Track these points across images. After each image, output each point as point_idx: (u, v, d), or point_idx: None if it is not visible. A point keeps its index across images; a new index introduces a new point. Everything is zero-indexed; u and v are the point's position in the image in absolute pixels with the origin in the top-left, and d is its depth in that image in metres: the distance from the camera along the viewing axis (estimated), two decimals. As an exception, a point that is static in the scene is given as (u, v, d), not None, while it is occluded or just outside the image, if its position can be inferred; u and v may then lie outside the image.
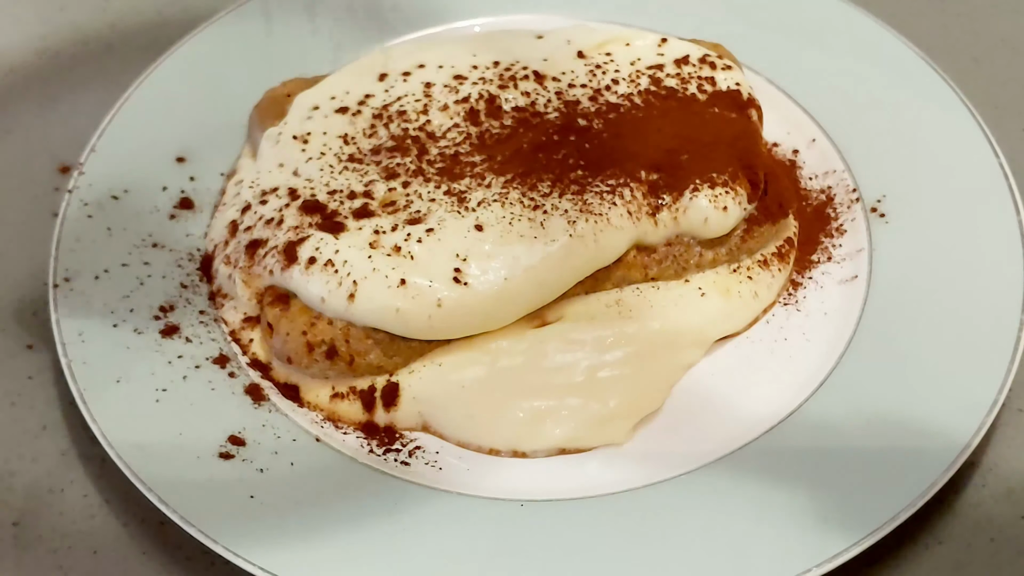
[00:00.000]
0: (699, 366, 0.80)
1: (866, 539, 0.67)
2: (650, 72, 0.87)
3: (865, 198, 0.86)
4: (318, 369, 0.77)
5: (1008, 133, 0.92)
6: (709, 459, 0.73)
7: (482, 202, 0.79)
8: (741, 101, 0.86)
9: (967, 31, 1.05)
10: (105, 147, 0.88)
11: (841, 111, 0.91)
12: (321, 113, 0.86)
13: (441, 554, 0.68)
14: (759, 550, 0.67)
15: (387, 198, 0.80)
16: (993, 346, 0.75)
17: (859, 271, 0.83)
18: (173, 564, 0.72)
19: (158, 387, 0.75)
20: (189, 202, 0.87)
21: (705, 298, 0.81)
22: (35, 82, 1.02)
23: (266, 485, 0.71)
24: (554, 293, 0.78)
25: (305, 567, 0.67)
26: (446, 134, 0.84)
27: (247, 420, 0.75)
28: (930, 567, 0.72)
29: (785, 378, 0.78)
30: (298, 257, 0.77)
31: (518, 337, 0.77)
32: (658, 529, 0.69)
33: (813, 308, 0.82)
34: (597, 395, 0.76)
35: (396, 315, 0.75)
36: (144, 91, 0.92)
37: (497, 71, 0.88)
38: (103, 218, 0.84)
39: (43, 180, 0.93)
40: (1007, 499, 0.74)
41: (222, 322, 0.81)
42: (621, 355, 0.77)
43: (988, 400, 0.72)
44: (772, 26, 0.97)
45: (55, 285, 0.79)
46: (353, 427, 0.77)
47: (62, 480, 0.76)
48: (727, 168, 0.81)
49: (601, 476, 0.74)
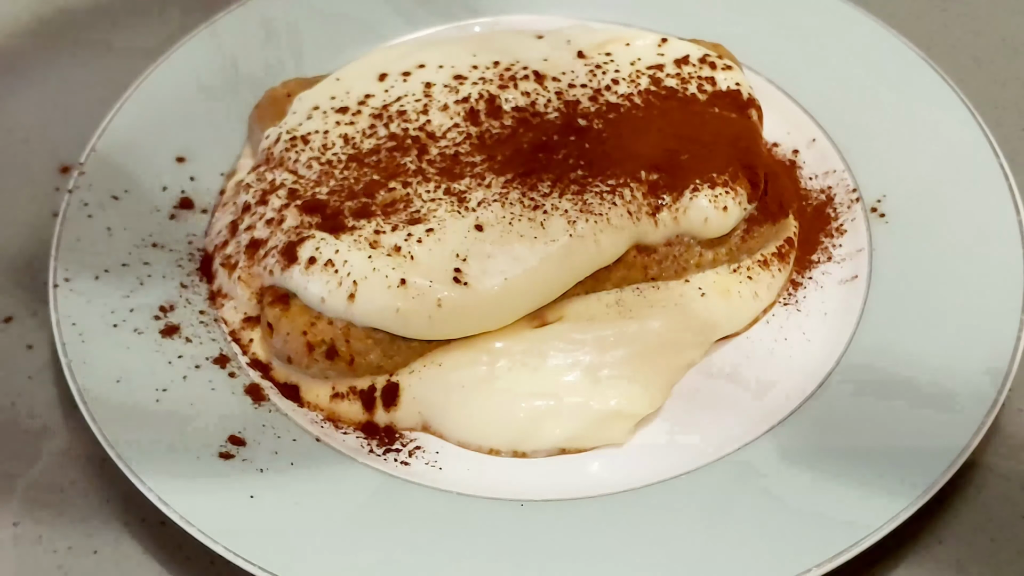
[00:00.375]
0: (699, 366, 0.80)
1: (866, 539, 0.67)
2: (650, 72, 0.87)
3: (865, 198, 0.86)
4: (318, 369, 0.77)
5: (1008, 133, 0.92)
6: (709, 459, 0.73)
7: (482, 202, 0.79)
8: (741, 101, 0.86)
9: (967, 31, 1.05)
10: (105, 147, 0.88)
11: (841, 111, 0.91)
12: (321, 113, 0.86)
13: (441, 554, 0.68)
14: (759, 550, 0.67)
15: (387, 198, 0.80)
16: (993, 346, 0.75)
17: (859, 271, 0.83)
18: (173, 564, 0.72)
19: (158, 387, 0.75)
20: (189, 202, 0.87)
21: (705, 298, 0.81)
22: (35, 82, 1.02)
23: (266, 485, 0.71)
24: (554, 293, 0.78)
25: (305, 567, 0.67)
26: (446, 134, 0.84)
27: (247, 420, 0.75)
28: (930, 567, 0.72)
29: (785, 378, 0.78)
30: (298, 257, 0.77)
31: (518, 337, 0.77)
32: (658, 529, 0.69)
33: (813, 308, 0.82)
34: (597, 395, 0.76)
35: (396, 315, 0.75)
36: (144, 91, 0.92)
37: (497, 71, 0.88)
38: (103, 218, 0.84)
39: (43, 180, 0.94)
40: (1007, 499, 0.74)
41: (222, 322, 0.81)
42: (621, 355, 0.77)
43: (988, 400, 0.72)
44: (772, 26, 0.97)
45: (55, 285, 0.79)
46: (353, 427, 0.77)
47: (62, 480, 0.76)
48: (727, 168, 0.81)
49: (601, 476, 0.74)
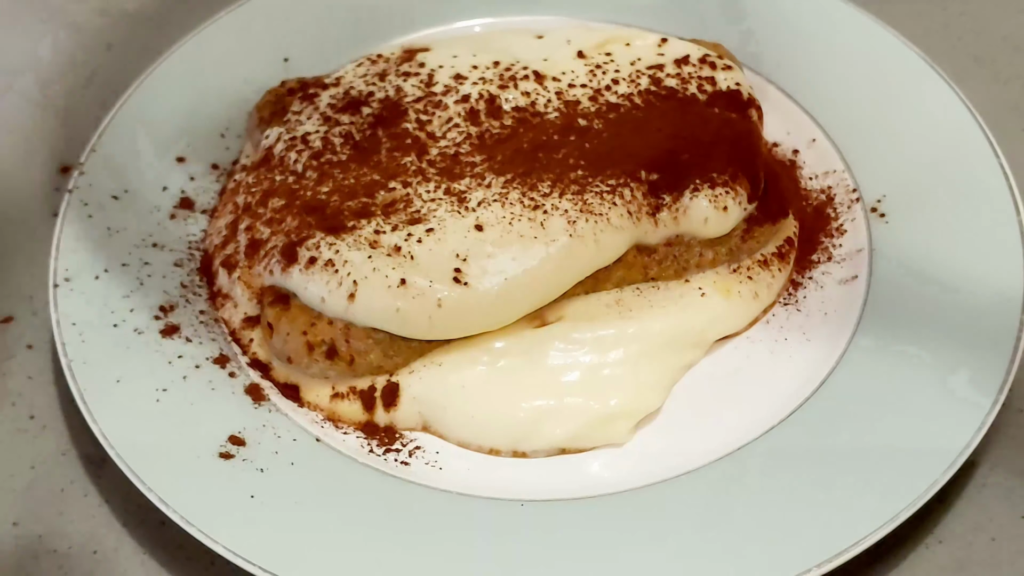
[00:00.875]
0: (699, 366, 0.80)
1: (866, 539, 0.67)
2: (650, 72, 0.87)
3: (865, 198, 0.86)
4: (318, 369, 0.77)
5: (1008, 133, 0.92)
6: (709, 459, 0.73)
7: (482, 202, 0.79)
8: (741, 101, 0.86)
9: (967, 31, 1.05)
10: (105, 147, 0.88)
11: (841, 111, 0.91)
12: (321, 113, 0.86)
13: (441, 554, 0.68)
14: (759, 550, 0.67)
15: (387, 198, 0.80)
16: (993, 346, 0.75)
17: (859, 271, 0.83)
18: (173, 564, 0.72)
19: (158, 387, 0.75)
20: (189, 202, 0.87)
21: (705, 298, 0.81)
22: (35, 82, 1.02)
23: (266, 485, 0.71)
24: (554, 293, 0.78)
25: (305, 567, 0.67)
26: (446, 134, 0.84)
27: (247, 420, 0.75)
28: (930, 567, 0.72)
29: (785, 378, 0.78)
30: (298, 257, 0.77)
31: (518, 337, 0.77)
32: (658, 529, 0.69)
33: (813, 308, 0.82)
34: (597, 395, 0.76)
35: (396, 315, 0.75)
36: (144, 91, 0.92)
37: (497, 71, 0.88)
38: (103, 218, 0.84)
39: (43, 180, 0.93)
40: (1007, 499, 0.74)
41: (222, 322, 0.81)
42: (621, 355, 0.77)
43: (988, 400, 0.72)
44: (772, 26, 0.97)
45: (55, 285, 0.79)
46: (353, 427, 0.77)
47: (62, 480, 0.76)
48: (727, 168, 0.81)
49: (601, 476, 0.74)
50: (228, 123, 0.92)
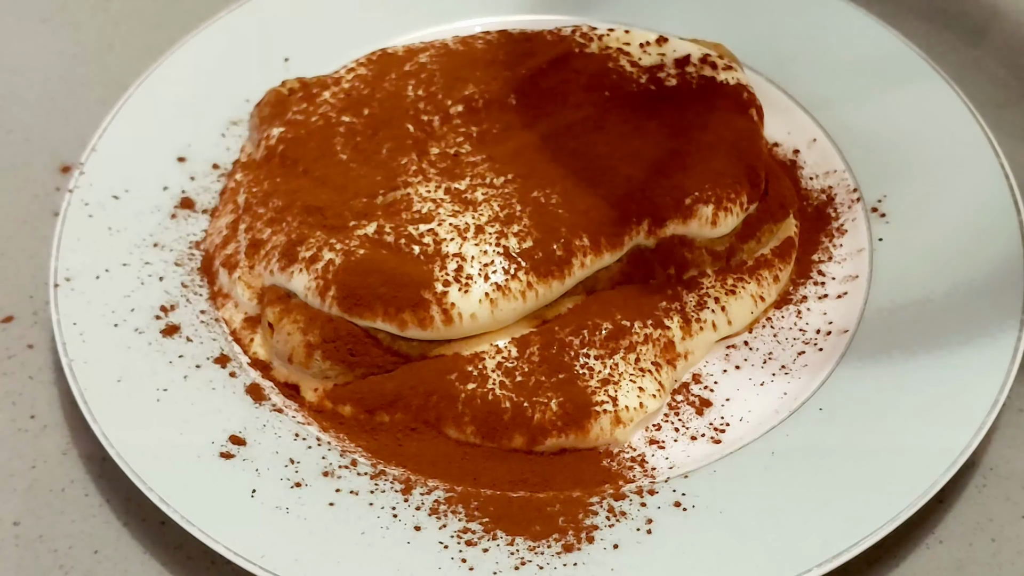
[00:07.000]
0: (699, 366, 0.80)
1: (866, 539, 0.67)
2: (650, 72, 0.87)
3: (866, 198, 0.86)
4: (318, 369, 0.77)
5: (1008, 133, 0.92)
6: (709, 459, 0.73)
7: (483, 202, 0.79)
8: (741, 101, 0.86)
9: (967, 31, 1.05)
10: (105, 147, 0.88)
11: (841, 111, 0.92)
12: (321, 113, 0.86)
13: (441, 553, 0.68)
14: (759, 550, 0.67)
15: (387, 198, 0.80)
16: (993, 346, 0.75)
17: (859, 271, 0.83)
18: (173, 564, 0.72)
19: (158, 387, 0.75)
20: (190, 202, 0.87)
21: (706, 298, 0.81)
22: (35, 82, 1.02)
23: (266, 485, 0.71)
24: (554, 294, 0.78)
25: (305, 567, 0.67)
26: (447, 134, 0.84)
27: (248, 420, 0.75)
28: (930, 567, 0.72)
29: (785, 378, 0.78)
30: (298, 257, 0.77)
31: (518, 337, 0.77)
32: (658, 528, 0.69)
33: (813, 308, 0.82)
34: (596, 395, 0.76)
35: (396, 315, 0.75)
36: (144, 91, 0.92)
37: (497, 71, 0.88)
38: (103, 218, 0.84)
39: (43, 180, 0.94)
40: (1007, 499, 0.75)
41: (223, 322, 0.81)
42: (621, 355, 0.77)
43: (988, 400, 0.72)
44: (772, 26, 0.97)
45: (55, 285, 0.79)
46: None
47: (62, 480, 0.76)
48: (728, 168, 0.81)
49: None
50: (228, 123, 0.92)
